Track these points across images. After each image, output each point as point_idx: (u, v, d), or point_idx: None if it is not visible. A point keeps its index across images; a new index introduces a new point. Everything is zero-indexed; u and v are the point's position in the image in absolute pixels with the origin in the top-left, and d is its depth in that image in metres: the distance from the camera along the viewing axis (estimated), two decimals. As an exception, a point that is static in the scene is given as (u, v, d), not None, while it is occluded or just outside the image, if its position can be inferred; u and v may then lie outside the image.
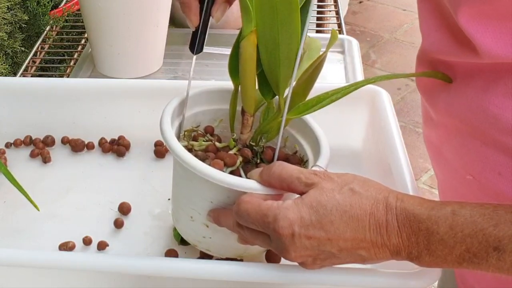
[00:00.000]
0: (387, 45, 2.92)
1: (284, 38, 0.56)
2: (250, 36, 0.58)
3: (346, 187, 0.52)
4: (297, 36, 0.56)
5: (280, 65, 0.58)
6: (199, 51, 0.67)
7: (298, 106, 0.61)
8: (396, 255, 0.51)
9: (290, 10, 0.54)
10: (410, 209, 0.50)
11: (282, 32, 0.56)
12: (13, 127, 0.87)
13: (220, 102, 0.69)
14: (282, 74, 0.59)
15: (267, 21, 0.56)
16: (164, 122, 0.62)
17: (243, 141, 0.65)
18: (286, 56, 0.57)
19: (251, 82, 0.61)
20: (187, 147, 0.65)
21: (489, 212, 0.48)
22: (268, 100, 0.64)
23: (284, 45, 0.57)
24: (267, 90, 0.63)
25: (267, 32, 0.57)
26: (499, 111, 0.53)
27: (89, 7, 1.04)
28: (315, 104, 0.61)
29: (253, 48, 0.59)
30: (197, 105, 0.69)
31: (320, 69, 0.60)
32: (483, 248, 0.47)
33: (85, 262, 0.59)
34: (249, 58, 0.59)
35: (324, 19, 1.37)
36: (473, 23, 0.53)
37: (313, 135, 0.65)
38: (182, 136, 0.66)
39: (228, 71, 0.64)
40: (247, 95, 0.63)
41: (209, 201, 0.61)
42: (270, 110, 0.66)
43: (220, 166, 0.60)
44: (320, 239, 0.51)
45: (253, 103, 0.63)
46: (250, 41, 0.58)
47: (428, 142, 0.69)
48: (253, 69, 0.60)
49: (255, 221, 0.54)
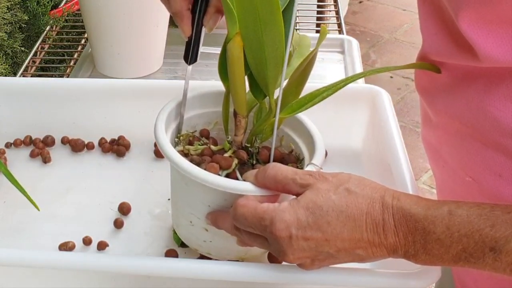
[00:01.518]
0: (387, 45, 2.92)
1: (268, 38, 0.56)
2: (235, 38, 0.58)
3: (342, 187, 0.52)
4: (281, 36, 0.56)
5: (267, 65, 0.58)
6: (193, 61, 0.67)
7: (291, 105, 0.61)
8: (393, 254, 0.51)
9: (272, 11, 0.54)
10: (406, 208, 0.50)
11: (265, 33, 0.56)
12: (13, 127, 0.87)
13: (214, 105, 0.69)
14: (270, 74, 0.59)
15: (250, 22, 0.56)
16: (158, 129, 0.63)
17: (238, 143, 0.65)
18: (272, 56, 0.57)
19: (241, 84, 0.61)
20: (183, 151, 0.65)
21: (486, 212, 0.48)
22: (260, 101, 0.64)
23: (269, 46, 0.57)
24: (258, 91, 0.63)
25: (250, 34, 0.57)
26: (500, 113, 0.53)
27: (89, 7, 1.04)
28: (308, 102, 0.61)
29: (240, 50, 0.59)
30: (192, 109, 0.69)
31: (311, 66, 0.60)
32: (480, 249, 0.48)
33: (85, 262, 0.59)
34: (237, 60, 0.60)
35: (324, 19, 1.37)
36: (474, 28, 0.53)
37: (308, 133, 0.65)
38: (177, 141, 0.66)
39: (219, 74, 0.64)
40: (237, 97, 0.63)
41: (206, 205, 0.61)
42: (262, 111, 0.66)
43: (216, 169, 0.60)
44: (317, 240, 0.51)
45: (244, 105, 0.63)
46: (236, 43, 0.59)
47: (427, 143, 0.69)
48: (241, 71, 0.60)
49: (252, 224, 0.54)
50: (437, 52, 0.61)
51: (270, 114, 0.61)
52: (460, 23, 0.54)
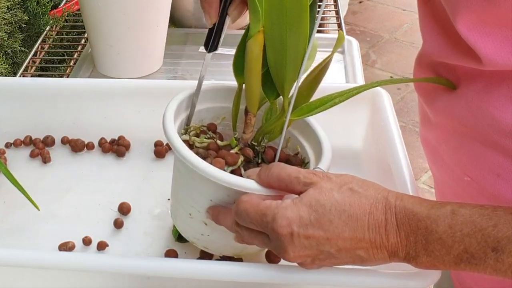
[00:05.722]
0: (387, 45, 2.92)
1: (292, 39, 0.56)
2: (257, 36, 0.58)
3: (345, 186, 0.52)
4: (305, 37, 0.56)
5: (287, 66, 0.58)
6: (214, 49, 0.66)
7: (301, 108, 0.61)
8: (394, 256, 0.51)
9: (300, 11, 0.54)
10: (409, 207, 0.50)
11: (290, 33, 0.56)
12: (13, 127, 0.87)
13: (224, 100, 0.69)
14: (289, 75, 0.59)
15: (276, 21, 0.56)
16: (166, 119, 0.62)
17: (245, 140, 0.65)
18: (293, 57, 0.57)
19: (257, 82, 0.61)
20: (188, 142, 0.65)
21: (488, 212, 0.48)
22: (271, 101, 0.64)
23: (292, 46, 0.57)
24: (271, 90, 0.63)
25: (275, 33, 0.57)
26: (500, 113, 0.53)
27: (89, 7, 1.04)
28: (319, 106, 0.60)
29: (260, 48, 0.59)
30: (201, 102, 0.69)
31: (325, 71, 0.60)
32: (482, 249, 0.47)
33: (85, 262, 0.59)
34: (256, 58, 0.59)
35: (324, 19, 1.37)
36: (473, 31, 0.53)
37: (316, 137, 0.65)
38: (183, 132, 0.66)
39: (233, 69, 0.63)
40: (252, 95, 0.62)
41: (208, 199, 0.61)
42: (273, 110, 0.66)
43: (222, 164, 0.60)
44: (319, 238, 0.51)
45: (257, 103, 0.63)
46: (258, 41, 0.58)
47: (425, 143, 0.69)
48: (259, 69, 0.60)
49: (254, 220, 0.54)
50: (438, 53, 0.61)
51: (282, 114, 0.61)
52: (459, 26, 0.53)
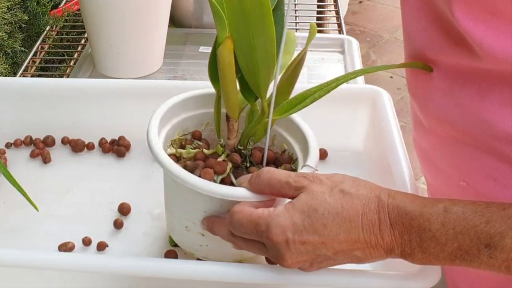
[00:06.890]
0: (387, 45, 2.92)
1: (260, 41, 0.56)
2: (226, 42, 0.58)
3: (336, 188, 0.52)
4: (272, 38, 0.56)
5: (259, 68, 0.58)
6: None
7: (282, 106, 0.61)
8: (390, 253, 0.51)
9: (262, 14, 0.54)
10: (402, 206, 0.50)
11: (257, 36, 0.56)
12: (13, 127, 0.87)
13: (206, 106, 0.69)
14: (262, 77, 0.59)
15: (241, 26, 0.56)
16: (151, 134, 0.62)
17: (231, 146, 0.65)
18: (264, 59, 0.57)
19: (233, 87, 0.61)
20: (175, 155, 0.64)
21: (481, 209, 0.48)
22: (251, 103, 0.64)
23: (260, 49, 0.57)
24: (249, 93, 0.63)
25: (241, 37, 0.57)
26: (494, 118, 0.53)
27: (89, 7, 1.04)
28: (299, 102, 0.60)
29: (230, 54, 0.59)
30: (184, 111, 0.69)
31: (301, 66, 0.60)
32: (475, 246, 0.47)
33: (85, 263, 0.59)
34: (228, 64, 0.59)
35: (324, 19, 1.37)
36: (471, 20, 0.51)
37: (301, 134, 0.65)
38: (168, 145, 0.66)
39: (209, 77, 0.63)
40: (230, 101, 0.62)
41: (202, 211, 0.61)
42: (254, 113, 0.65)
43: (211, 175, 0.60)
44: (314, 243, 0.51)
45: (236, 109, 0.63)
46: (227, 47, 0.58)
47: (418, 147, 0.68)
48: (232, 74, 0.60)
49: (249, 230, 0.54)
50: (431, 48, 0.59)
51: (263, 116, 0.61)
52: (455, 15, 0.51)
